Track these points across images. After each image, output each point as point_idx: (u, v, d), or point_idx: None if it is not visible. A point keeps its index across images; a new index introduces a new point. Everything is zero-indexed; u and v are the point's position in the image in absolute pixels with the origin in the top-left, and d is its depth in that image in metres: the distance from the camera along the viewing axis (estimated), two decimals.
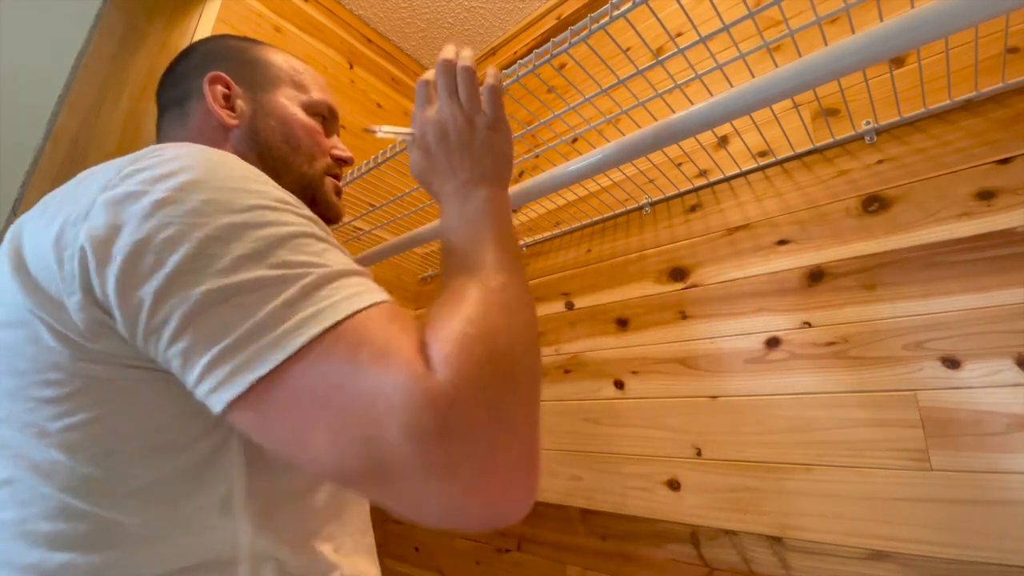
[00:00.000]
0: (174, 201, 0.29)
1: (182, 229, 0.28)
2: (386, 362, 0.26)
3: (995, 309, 0.57)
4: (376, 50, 1.52)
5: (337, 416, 0.25)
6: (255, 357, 0.26)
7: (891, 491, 0.59)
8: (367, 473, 0.25)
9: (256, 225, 0.29)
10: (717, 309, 0.79)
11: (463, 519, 0.26)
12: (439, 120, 0.44)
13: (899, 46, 0.47)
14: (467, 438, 0.25)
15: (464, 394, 0.26)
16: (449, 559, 1.05)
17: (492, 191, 0.42)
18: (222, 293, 0.27)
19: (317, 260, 0.29)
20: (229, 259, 0.28)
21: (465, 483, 0.25)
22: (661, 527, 0.76)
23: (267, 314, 0.27)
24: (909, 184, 0.66)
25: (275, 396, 0.26)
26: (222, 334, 0.27)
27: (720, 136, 0.84)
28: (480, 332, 0.29)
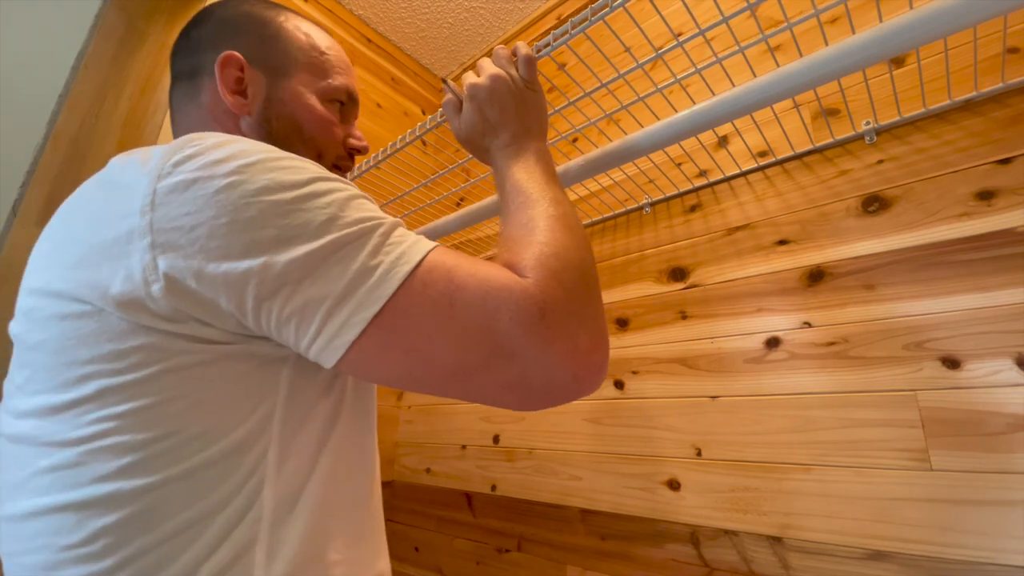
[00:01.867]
0: (242, 183, 0.31)
1: (262, 207, 0.31)
2: (482, 275, 0.33)
3: (995, 309, 0.57)
4: (376, 50, 1.52)
5: (455, 321, 0.32)
6: (366, 299, 0.31)
7: (891, 491, 0.59)
8: (487, 359, 0.32)
9: (320, 193, 0.33)
10: (717, 309, 0.79)
11: (559, 387, 0.33)
12: (493, 82, 0.50)
13: (899, 46, 0.47)
14: (559, 322, 0.33)
15: (551, 290, 0.34)
16: (449, 559, 1.05)
17: (538, 144, 0.49)
18: (319, 255, 0.31)
19: (377, 214, 0.34)
20: (314, 226, 0.31)
21: (561, 355, 0.32)
22: (661, 527, 0.76)
23: (362, 262, 0.31)
24: (909, 184, 0.66)
25: (392, 325, 0.31)
26: (330, 288, 0.31)
27: (720, 136, 0.84)
28: (553, 249, 0.37)
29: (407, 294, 0.31)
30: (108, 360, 0.32)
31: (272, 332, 0.33)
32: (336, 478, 0.40)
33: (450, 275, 0.33)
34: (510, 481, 1.00)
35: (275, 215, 0.31)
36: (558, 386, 0.33)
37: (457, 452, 1.13)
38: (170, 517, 0.31)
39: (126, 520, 0.30)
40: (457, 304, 0.32)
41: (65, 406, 0.32)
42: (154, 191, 0.32)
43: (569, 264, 0.36)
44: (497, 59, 0.53)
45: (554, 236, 0.38)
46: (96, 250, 0.33)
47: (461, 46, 1.56)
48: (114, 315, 0.32)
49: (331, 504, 0.39)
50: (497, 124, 0.50)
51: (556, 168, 0.72)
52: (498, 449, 1.04)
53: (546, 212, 0.40)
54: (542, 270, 0.35)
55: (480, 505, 1.04)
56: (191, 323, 0.32)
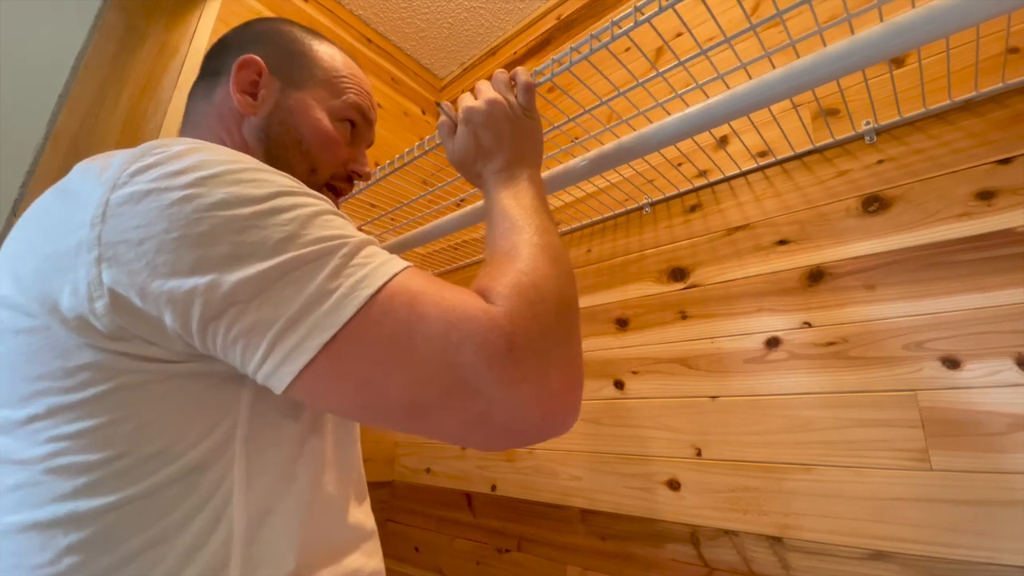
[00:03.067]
0: (198, 196, 0.30)
1: (216, 223, 0.29)
2: (448, 304, 0.31)
3: (995, 309, 0.57)
4: (376, 50, 1.52)
5: (414, 354, 0.29)
6: (319, 325, 0.29)
7: (891, 491, 0.59)
8: (446, 395, 0.30)
9: (282, 209, 0.31)
10: (717, 309, 0.79)
11: (524, 429, 0.31)
12: (490, 107, 0.49)
13: (899, 46, 0.47)
14: (530, 358, 0.31)
15: (522, 321, 0.31)
16: (449, 559, 1.05)
17: (530, 171, 0.48)
18: (272, 275, 0.29)
19: (344, 232, 0.32)
20: (270, 244, 0.30)
21: (529, 395, 0.30)
22: (661, 527, 0.76)
23: (319, 285, 0.29)
24: (909, 184, 0.66)
25: (345, 355, 0.29)
26: (281, 311, 0.29)
27: (719, 137, 0.84)
28: (532, 278, 0.35)
29: (364, 322, 0.29)
30: (57, 378, 0.31)
31: (219, 354, 0.31)
32: (317, 492, 0.38)
33: (413, 303, 0.30)
34: (510, 481, 1.00)
35: (229, 231, 0.29)
36: (525, 427, 0.31)
37: (457, 452, 1.13)
38: (134, 535, 0.30)
39: (89, 539, 0.30)
40: (417, 336, 0.29)
41: (22, 422, 0.31)
42: (106, 202, 0.30)
43: (547, 295, 0.34)
44: (496, 83, 0.52)
45: (535, 265, 0.36)
46: (49, 262, 0.31)
47: (461, 46, 1.56)
48: (61, 331, 0.31)
49: (313, 518, 0.37)
50: (491, 149, 0.49)
51: (556, 168, 0.73)
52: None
53: (530, 240, 0.39)
54: (516, 299, 0.32)
55: (480, 505, 1.04)
56: (136, 341, 0.31)
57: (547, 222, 0.42)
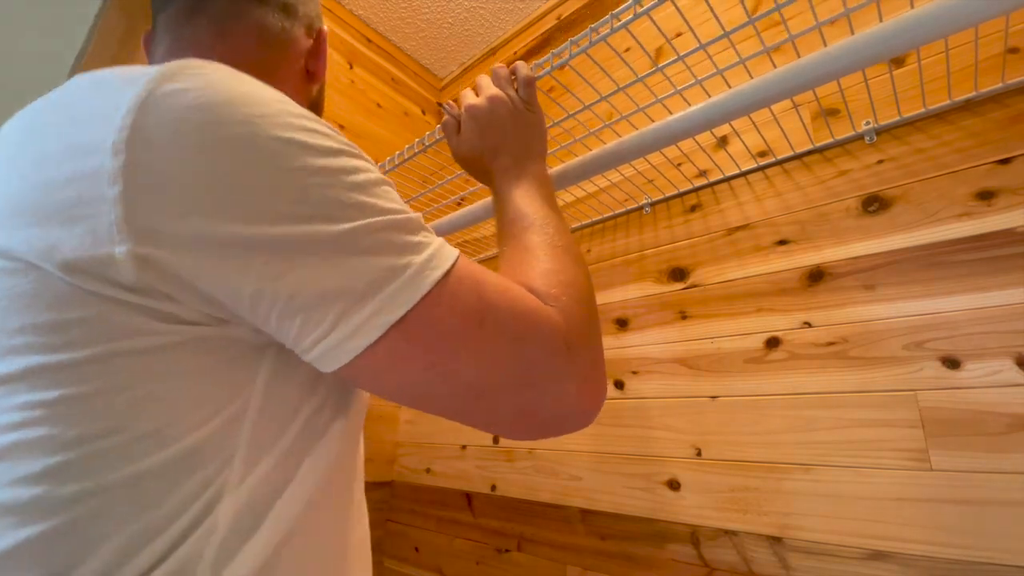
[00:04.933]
0: (261, 135, 0.26)
1: (282, 168, 0.26)
2: (512, 296, 0.31)
3: (995, 309, 0.57)
4: (376, 50, 1.52)
5: (484, 341, 0.29)
6: (392, 301, 0.27)
7: (891, 491, 0.59)
8: (507, 383, 0.30)
9: (350, 170, 0.29)
10: (717, 309, 0.79)
11: (566, 420, 0.33)
12: (492, 103, 0.50)
13: (899, 46, 0.48)
14: (582, 355, 0.33)
15: (574, 322, 0.33)
16: (449, 559, 1.05)
17: (538, 167, 0.48)
18: (344, 241, 0.27)
19: (404, 207, 0.31)
20: (342, 206, 0.27)
21: (576, 390, 0.32)
22: (661, 527, 0.76)
23: (391, 260, 0.28)
24: (909, 184, 0.66)
25: (416, 335, 0.28)
26: (352, 283, 0.27)
27: (719, 136, 0.84)
28: (568, 277, 0.36)
29: (436, 303, 0.28)
30: (43, 332, 0.25)
31: (268, 322, 0.27)
32: (318, 490, 0.34)
33: (480, 289, 0.30)
34: (510, 481, 1.00)
35: (296, 183, 0.26)
36: (564, 418, 0.32)
37: (457, 452, 1.13)
38: (108, 534, 0.25)
39: (50, 535, 0.24)
40: (487, 323, 0.30)
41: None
42: (133, 125, 0.25)
43: (583, 296, 0.36)
44: (496, 79, 0.52)
45: (564, 265, 0.37)
46: (44, 193, 0.26)
47: (461, 46, 1.56)
48: (56, 276, 0.25)
49: (308, 521, 0.33)
50: (497, 146, 0.49)
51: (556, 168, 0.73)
52: (498, 449, 1.04)
53: (552, 241, 0.39)
54: (564, 299, 0.34)
55: (480, 505, 1.04)
56: (157, 296, 0.26)
57: (562, 221, 0.43)
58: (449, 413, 0.32)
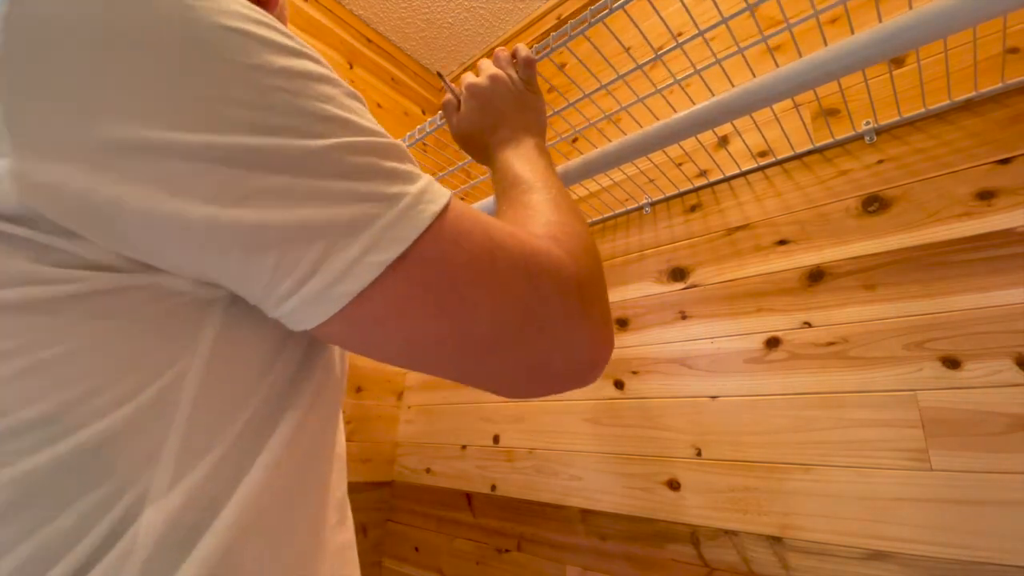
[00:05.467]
0: (188, 21, 0.20)
1: (237, 63, 0.20)
2: (520, 235, 0.28)
3: (995, 309, 0.57)
4: (376, 50, 1.52)
5: (497, 282, 0.26)
6: (386, 235, 0.22)
7: (891, 491, 0.59)
8: (522, 329, 0.27)
9: (320, 78, 0.23)
10: (717, 309, 0.79)
11: (577, 372, 0.30)
12: (492, 82, 0.50)
13: (899, 46, 0.48)
14: (591, 299, 0.30)
15: (584, 264, 0.31)
16: (449, 559, 1.05)
17: (538, 140, 0.48)
18: (320, 159, 0.21)
19: (384, 130, 0.26)
20: (313, 117, 0.22)
21: (587, 336, 0.29)
22: (661, 527, 0.76)
23: (379, 185, 0.23)
24: (909, 184, 0.66)
25: (420, 277, 0.23)
26: (335, 211, 0.21)
27: (720, 136, 0.84)
28: (574, 230, 0.34)
29: (441, 237, 0.24)
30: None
31: (223, 266, 0.21)
32: (281, 492, 0.26)
33: (484, 227, 0.26)
34: (510, 481, 1.00)
35: (254, 83, 0.21)
36: (574, 371, 0.30)
37: (457, 452, 1.13)
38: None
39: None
40: (499, 260, 0.26)
41: None
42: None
43: (588, 247, 0.33)
44: (497, 60, 0.53)
45: (570, 219, 0.35)
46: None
47: (461, 46, 1.56)
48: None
49: (266, 531, 0.25)
50: (496, 123, 0.49)
51: (558, 167, 0.73)
52: (498, 449, 1.04)
53: (554, 199, 0.37)
54: (570, 244, 0.31)
55: (480, 505, 1.04)
56: (54, 232, 0.20)
57: (561, 185, 0.41)
58: (454, 372, 0.27)
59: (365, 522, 1.18)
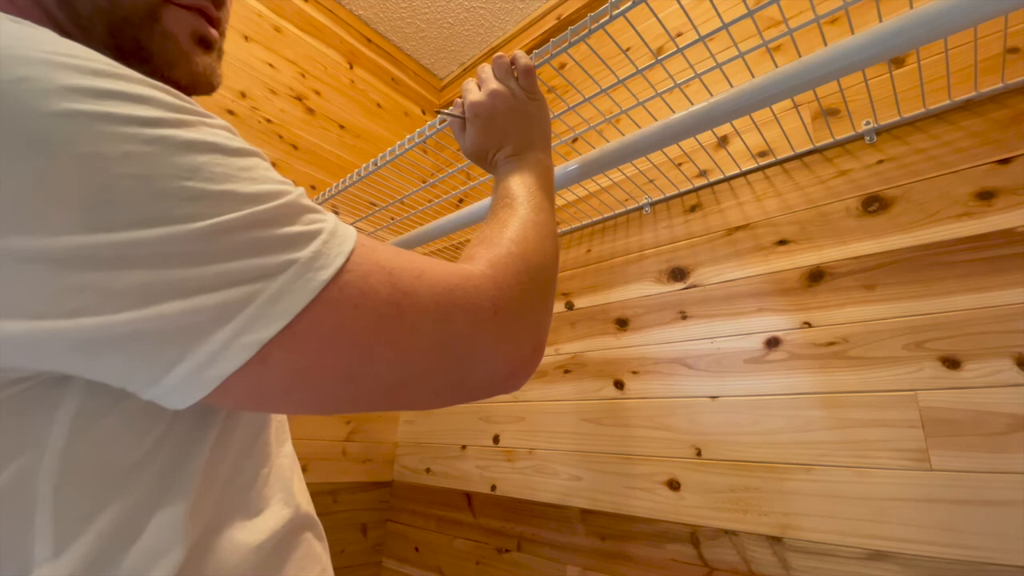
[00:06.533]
0: (21, 96, 0.18)
1: (48, 166, 0.18)
2: (429, 273, 0.28)
3: (995, 309, 0.57)
4: (376, 50, 1.52)
5: (405, 331, 0.25)
6: (260, 315, 0.21)
7: (891, 491, 0.59)
8: (433, 368, 0.27)
9: (174, 146, 0.20)
10: (717, 309, 0.79)
11: (491, 386, 0.31)
12: (493, 99, 0.50)
13: (899, 46, 0.47)
14: (510, 321, 0.31)
15: (508, 287, 0.32)
16: (449, 559, 1.05)
17: (539, 155, 0.49)
18: (169, 252, 0.19)
19: (271, 186, 0.23)
20: (162, 204, 0.20)
21: (503, 357, 0.30)
22: (661, 527, 0.76)
23: (257, 261, 0.21)
24: (909, 184, 0.66)
25: (311, 346, 0.22)
26: (192, 303, 0.20)
27: (720, 136, 0.84)
28: (521, 248, 0.35)
29: (335, 304, 0.23)
30: None
31: (73, 367, 0.20)
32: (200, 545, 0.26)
33: (392, 278, 0.25)
34: (510, 481, 1.00)
35: (94, 174, 0.18)
36: (489, 386, 0.31)
37: (457, 452, 1.13)
38: None
39: None
40: (407, 312, 0.25)
41: None
42: None
43: (531, 267, 0.35)
44: (497, 69, 0.52)
45: (524, 236, 0.37)
46: None
47: (461, 46, 1.56)
48: None
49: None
50: (500, 141, 0.50)
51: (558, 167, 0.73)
52: (498, 449, 1.04)
53: (524, 215, 0.40)
54: (503, 266, 0.33)
55: (480, 505, 1.04)
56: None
57: (544, 200, 0.43)
58: (368, 409, 0.28)
59: (365, 522, 1.18)
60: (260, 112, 1.18)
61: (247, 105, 1.16)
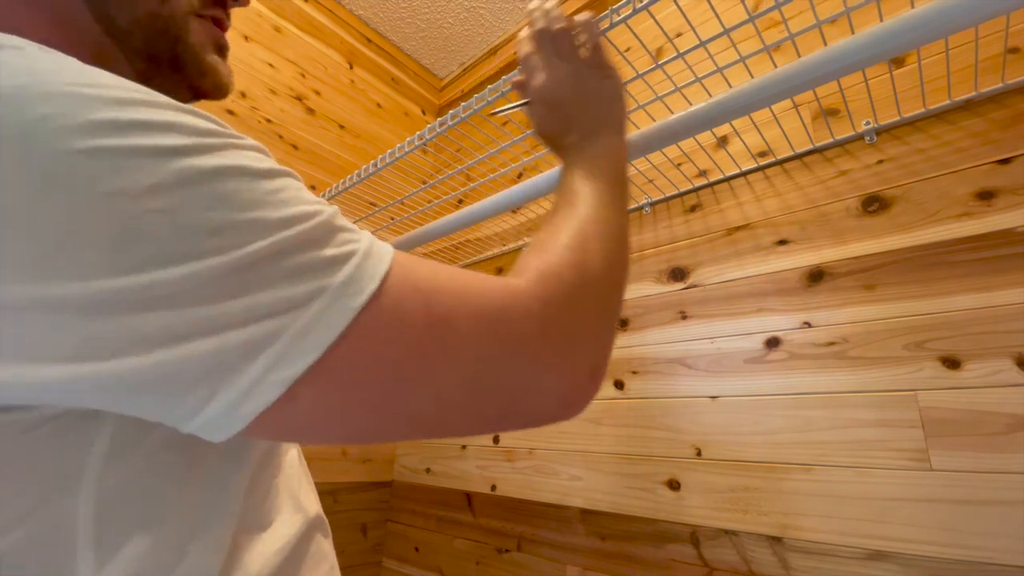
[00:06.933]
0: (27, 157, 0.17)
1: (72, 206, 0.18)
2: (470, 291, 0.26)
3: (995, 309, 0.57)
4: (376, 50, 1.52)
5: (444, 359, 0.24)
6: (291, 349, 0.20)
7: (891, 491, 0.59)
8: (472, 397, 0.25)
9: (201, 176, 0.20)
10: (717, 309, 0.79)
11: (544, 415, 0.29)
12: (553, 84, 0.44)
13: (899, 46, 0.47)
14: (561, 342, 0.28)
15: (557, 303, 0.28)
16: (449, 559, 1.05)
17: (611, 140, 0.44)
18: (199, 288, 0.19)
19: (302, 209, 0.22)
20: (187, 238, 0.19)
21: (556, 382, 0.28)
22: (661, 527, 0.76)
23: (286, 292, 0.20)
24: (909, 184, 0.66)
25: (338, 381, 0.21)
26: (222, 341, 0.19)
27: (720, 136, 0.84)
28: (578, 257, 0.31)
29: (366, 335, 0.22)
30: None
31: (108, 405, 0.20)
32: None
33: (428, 300, 0.24)
34: (510, 481, 1.00)
35: (119, 212, 0.18)
36: (542, 414, 0.29)
37: (457, 452, 1.13)
38: None
39: None
40: (445, 344, 0.24)
41: None
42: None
43: (589, 277, 0.31)
44: (561, 45, 0.45)
45: (583, 241, 0.33)
46: None
47: (461, 46, 1.56)
48: None
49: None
50: (564, 128, 0.44)
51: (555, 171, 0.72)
52: (498, 449, 1.04)
53: (585, 215, 0.35)
54: (554, 280, 0.29)
55: (480, 505, 1.04)
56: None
57: (610, 194, 0.38)
58: (403, 439, 0.27)
59: (365, 522, 1.18)
60: (260, 112, 1.19)
61: (247, 105, 1.16)
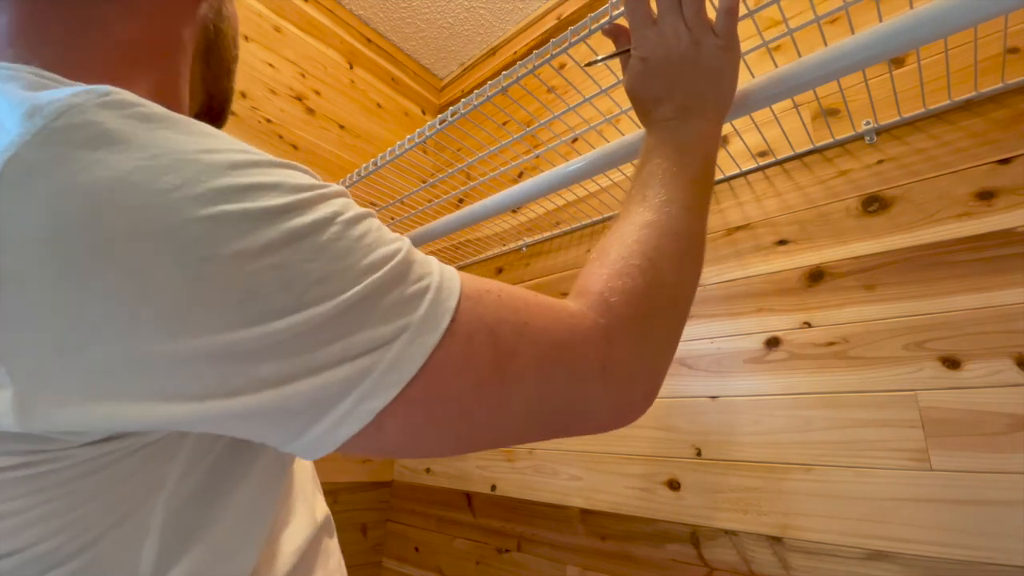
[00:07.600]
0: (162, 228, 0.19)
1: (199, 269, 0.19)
2: (534, 325, 0.26)
3: (995, 309, 0.57)
4: (376, 50, 1.52)
5: (504, 397, 0.25)
6: (377, 384, 0.22)
7: (891, 491, 0.59)
8: (532, 423, 0.27)
9: (304, 232, 0.22)
10: (717, 309, 0.79)
11: (595, 430, 0.30)
12: (662, 40, 0.39)
13: (899, 46, 0.47)
14: (621, 377, 0.29)
15: (622, 339, 0.29)
16: (449, 559, 1.05)
17: (707, 125, 0.39)
18: (305, 335, 0.21)
19: (386, 251, 0.24)
20: (296, 290, 0.21)
21: (612, 409, 0.29)
22: (661, 527, 0.76)
23: (377, 332, 0.22)
24: (909, 184, 0.66)
25: (411, 413, 0.23)
26: (323, 380, 0.21)
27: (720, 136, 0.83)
28: (648, 279, 0.31)
29: (439, 371, 0.23)
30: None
31: (219, 429, 0.22)
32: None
33: (494, 336, 0.25)
34: (510, 481, 1.00)
35: (238, 271, 0.20)
36: (592, 431, 0.30)
37: None
38: None
39: None
40: (508, 377, 0.25)
41: None
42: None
43: (657, 303, 0.31)
44: (691, 5, 0.40)
45: (656, 258, 0.32)
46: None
47: (461, 46, 1.57)
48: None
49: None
50: (660, 94, 0.40)
51: (555, 170, 0.72)
52: (498, 449, 1.04)
53: (663, 226, 0.33)
54: (619, 309, 0.29)
55: (480, 505, 1.04)
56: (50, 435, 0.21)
57: (692, 198, 0.35)
58: (470, 452, 0.30)
59: (365, 522, 1.18)
60: (260, 112, 1.19)
61: (247, 105, 1.16)
